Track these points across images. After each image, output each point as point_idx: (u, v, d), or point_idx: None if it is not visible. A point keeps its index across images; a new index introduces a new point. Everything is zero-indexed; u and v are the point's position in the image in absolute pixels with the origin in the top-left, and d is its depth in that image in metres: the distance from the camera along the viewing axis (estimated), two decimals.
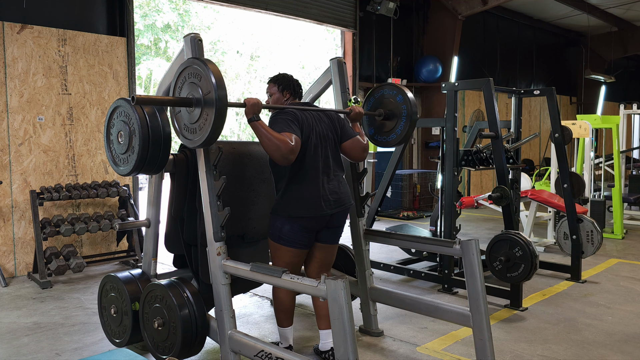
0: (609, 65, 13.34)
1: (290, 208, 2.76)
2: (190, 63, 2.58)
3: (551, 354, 3.16)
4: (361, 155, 2.99)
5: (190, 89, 2.58)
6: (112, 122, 2.98)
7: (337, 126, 2.95)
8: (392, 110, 3.39)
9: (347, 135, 2.96)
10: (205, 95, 2.49)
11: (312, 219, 2.79)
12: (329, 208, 2.81)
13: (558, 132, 4.71)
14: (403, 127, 3.36)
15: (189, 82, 2.59)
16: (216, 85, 2.43)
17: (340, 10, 7.93)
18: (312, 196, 2.76)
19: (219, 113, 2.44)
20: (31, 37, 4.95)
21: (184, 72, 2.62)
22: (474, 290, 2.73)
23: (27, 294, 4.37)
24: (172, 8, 15.64)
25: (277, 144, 2.54)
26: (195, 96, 2.54)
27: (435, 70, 9.08)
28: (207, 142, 2.54)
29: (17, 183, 4.91)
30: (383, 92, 3.44)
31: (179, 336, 2.72)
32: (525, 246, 3.66)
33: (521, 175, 5.45)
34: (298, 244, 2.81)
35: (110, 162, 3.00)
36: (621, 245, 6.29)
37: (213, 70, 2.47)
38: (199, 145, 2.57)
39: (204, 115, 2.50)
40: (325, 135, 2.86)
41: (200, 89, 2.51)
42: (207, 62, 2.50)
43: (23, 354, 3.17)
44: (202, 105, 2.51)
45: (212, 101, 2.43)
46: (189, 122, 2.61)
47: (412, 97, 3.36)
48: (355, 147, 2.96)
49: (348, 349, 2.12)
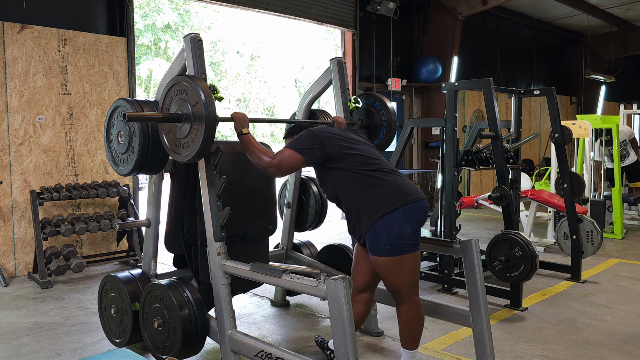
0: (609, 65, 13.34)
1: (395, 201, 2.48)
2: (178, 80, 2.64)
3: (551, 354, 3.16)
4: None
5: (178, 105, 2.64)
6: (112, 122, 2.98)
7: None
8: (373, 119, 3.58)
9: None
10: (194, 108, 2.55)
11: (418, 201, 2.54)
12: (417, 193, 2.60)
13: (558, 132, 4.71)
14: (385, 132, 3.52)
15: (177, 99, 2.65)
16: (205, 100, 2.49)
17: (340, 10, 7.93)
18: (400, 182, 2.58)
19: (208, 126, 2.49)
20: (31, 37, 4.95)
21: (172, 89, 2.69)
22: (474, 290, 2.73)
23: (27, 294, 4.37)
24: (172, 8, 15.64)
25: (256, 160, 2.64)
26: (184, 112, 2.60)
27: (435, 70, 9.08)
28: (198, 156, 2.60)
29: (17, 183, 4.91)
30: (362, 102, 3.59)
31: (179, 336, 2.73)
32: (525, 246, 3.66)
33: (521, 175, 5.45)
34: (419, 243, 2.59)
35: (110, 162, 3.01)
36: (621, 245, 6.29)
37: (201, 85, 2.53)
38: (190, 160, 2.61)
39: (194, 130, 2.56)
40: (356, 140, 2.75)
41: (188, 103, 2.57)
42: (195, 78, 2.58)
43: (23, 354, 3.17)
44: (192, 120, 2.56)
45: (202, 115, 2.49)
46: (178, 137, 2.65)
47: (391, 106, 3.53)
48: None
49: (348, 348, 2.12)
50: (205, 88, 2.53)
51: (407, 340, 2.70)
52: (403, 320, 2.67)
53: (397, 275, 2.56)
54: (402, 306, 2.66)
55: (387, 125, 3.50)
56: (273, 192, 3.30)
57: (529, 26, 11.75)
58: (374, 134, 3.57)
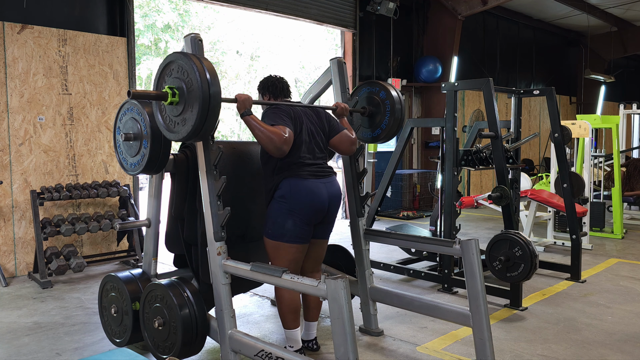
0: (609, 65, 13.34)
1: (291, 202, 2.79)
2: (174, 58, 2.55)
3: (551, 354, 3.16)
4: (350, 148, 3.08)
5: (174, 83, 2.55)
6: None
7: (325, 124, 3.02)
8: (376, 107, 3.48)
9: (335, 131, 3.04)
10: (189, 86, 2.47)
11: (315, 211, 2.83)
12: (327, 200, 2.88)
13: (558, 132, 4.72)
14: (387, 122, 3.43)
15: (172, 77, 2.56)
16: (199, 77, 2.41)
17: (340, 10, 7.93)
18: (312, 188, 2.82)
19: (203, 104, 2.42)
20: (31, 37, 4.95)
21: (167, 67, 2.60)
22: (473, 290, 2.74)
23: (28, 294, 4.37)
24: (172, 8, 15.64)
25: (270, 136, 2.61)
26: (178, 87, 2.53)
27: (435, 70, 9.08)
28: (192, 135, 2.51)
29: (17, 183, 4.91)
30: (366, 90, 3.54)
31: (179, 336, 2.73)
32: (525, 246, 3.67)
33: (521, 175, 5.46)
34: (301, 238, 2.84)
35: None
36: (621, 245, 6.29)
37: (196, 63, 2.45)
38: (184, 138, 2.55)
39: (188, 108, 2.49)
40: (314, 131, 2.93)
41: (183, 82, 2.49)
42: (191, 55, 2.51)
43: (23, 353, 3.17)
44: (186, 96, 2.49)
45: (198, 93, 2.41)
46: (172, 115, 2.59)
47: (396, 94, 3.44)
48: (344, 141, 3.04)
49: (348, 348, 2.12)
50: (199, 64, 2.45)
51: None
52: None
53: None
54: None
55: (391, 114, 3.42)
56: None
57: (528, 26, 11.75)
58: (376, 123, 3.51)
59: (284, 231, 2.80)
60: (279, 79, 3.06)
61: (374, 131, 3.52)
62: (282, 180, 2.81)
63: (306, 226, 2.84)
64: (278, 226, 2.81)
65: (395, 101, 3.40)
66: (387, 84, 3.51)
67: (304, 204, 2.79)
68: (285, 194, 2.80)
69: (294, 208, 2.79)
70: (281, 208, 2.81)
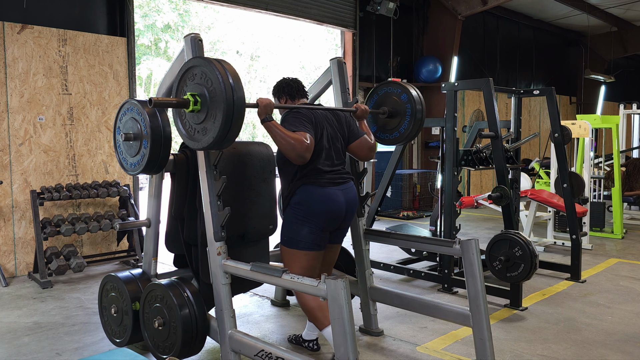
0: (609, 65, 13.34)
1: (307, 209, 2.74)
2: (196, 63, 2.46)
3: (551, 354, 3.16)
4: (368, 154, 3.01)
5: (196, 90, 2.47)
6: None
7: (344, 128, 2.95)
8: (396, 108, 3.39)
9: (355, 136, 2.97)
10: (212, 93, 2.38)
11: (332, 218, 2.79)
12: (344, 206, 2.82)
13: (558, 132, 4.72)
14: (407, 126, 3.35)
15: (194, 83, 2.47)
16: (223, 84, 2.31)
17: (340, 10, 7.93)
18: (329, 196, 2.76)
19: (227, 112, 2.32)
20: (31, 37, 4.95)
21: (188, 72, 2.52)
22: (473, 290, 2.74)
23: (28, 294, 4.37)
24: (172, 8, 15.65)
25: (292, 143, 2.55)
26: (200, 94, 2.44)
27: (435, 70, 9.08)
28: (216, 144, 2.41)
29: (17, 183, 4.91)
30: (386, 90, 3.45)
31: (179, 336, 2.73)
32: (525, 246, 3.67)
33: (521, 175, 5.46)
34: (317, 245, 2.79)
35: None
36: (621, 245, 6.29)
37: (219, 69, 2.36)
38: (206, 147, 2.47)
39: (211, 116, 2.40)
40: (334, 137, 2.87)
41: (205, 88, 2.41)
42: (213, 60, 2.40)
43: (23, 353, 3.17)
44: (209, 104, 2.40)
45: (221, 100, 2.31)
46: (194, 123, 2.52)
47: (416, 94, 3.34)
48: (363, 147, 2.98)
49: (348, 348, 2.12)
50: (221, 68, 2.35)
51: None
52: None
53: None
54: None
55: (412, 117, 3.32)
56: (273, 191, 3.30)
57: (528, 26, 11.75)
58: (395, 126, 3.41)
59: (300, 238, 2.76)
60: (293, 79, 3.01)
61: (392, 134, 3.43)
62: (299, 186, 2.77)
63: (322, 233, 2.79)
64: (293, 233, 2.77)
65: (416, 103, 3.32)
66: (408, 84, 3.41)
67: (320, 211, 2.75)
68: (301, 200, 2.76)
69: (309, 215, 2.74)
70: (297, 215, 2.77)
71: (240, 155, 3.14)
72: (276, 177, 3.23)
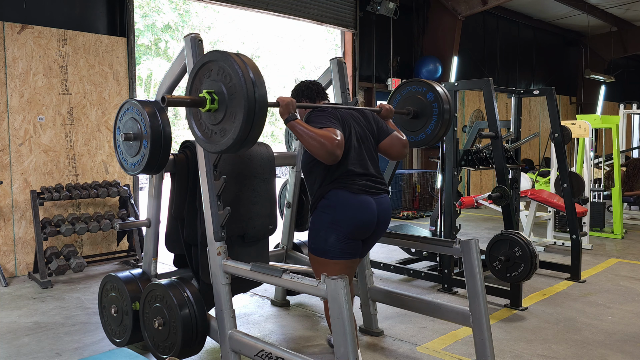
0: (609, 65, 13.34)
1: (336, 214, 2.51)
2: (212, 58, 2.27)
3: (551, 354, 3.16)
4: (401, 152, 2.78)
5: (213, 87, 2.28)
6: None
7: (373, 125, 2.75)
8: (422, 108, 3.18)
9: (385, 133, 2.75)
10: (231, 90, 2.19)
11: (362, 226, 2.55)
12: (375, 216, 2.58)
13: (558, 132, 4.72)
14: (434, 126, 3.15)
15: (210, 80, 2.29)
16: (243, 79, 2.11)
17: (340, 10, 7.93)
18: (361, 203, 2.53)
19: (249, 110, 2.12)
20: (31, 37, 4.95)
21: (204, 68, 2.34)
22: (473, 290, 2.74)
23: (28, 294, 4.37)
24: (172, 8, 15.65)
25: (321, 141, 2.31)
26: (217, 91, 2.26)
27: (435, 70, 9.08)
28: (235, 146, 2.21)
29: (17, 183, 4.91)
30: (410, 89, 3.25)
31: (179, 336, 2.73)
32: (525, 246, 3.67)
33: (521, 175, 5.46)
34: (348, 253, 2.55)
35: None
36: (621, 245, 6.29)
37: (239, 63, 2.17)
38: (225, 150, 2.28)
39: (230, 116, 2.20)
40: (363, 136, 2.66)
41: (223, 85, 2.22)
42: (232, 54, 2.22)
43: (23, 353, 3.17)
44: (227, 104, 2.21)
45: (242, 98, 2.13)
46: (210, 123, 2.32)
47: (443, 92, 3.15)
48: (395, 145, 2.75)
49: (348, 348, 2.12)
50: (241, 62, 2.16)
51: None
52: None
53: None
54: None
55: (439, 117, 3.11)
56: (273, 192, 3.31)
57: (528, 26, 11.75)
58: (420, 127, 3.21)
59: (327, 246, 2.52)
60: (312, 82, 2.82)
61: (417, 135, 3.22)
62: (329, 190, 2.53)
63: (352, 241, 2.54)
64: (320, 240, 2.54)
65: (443, 101, 3.11)
66: (435, 82, 3.20)
67: (350, 218, 2.50)
68: (331, 204, 2.52)
69: (337, 221, 2.50)
70: (324, 220, 2.53)
71: (241, 155, 3.14)
72: (276, 177, 3.22)
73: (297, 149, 3.74)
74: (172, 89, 3.07)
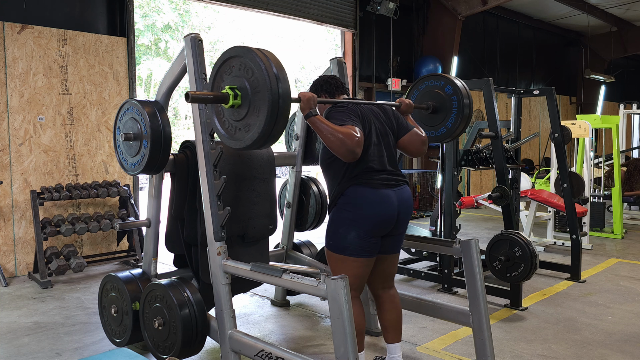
0: (609, 65, 13.34)
1: (356, 210, 2.49)
2: (235, 53, 2.28)
3: (551, 354, 3.16)
4: (421, 148, 2.74)
5: (236, 83, 2.29)
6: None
7: (393, 121, 2.70)
8: (441, 103, 3.14)
9: (404, 129, 2.71)
10: (254, 86, 2.19)
11: (382, 222, 2.53)
12: (396, 209, 2.56)
13: (558, 132, 4.72)
14: (454, 120, 3.09)
15: (233, 76, 2.30)
16: (267, 73, 2.11)
17: (340, 10, 7.93)
18: (381, 197, 2.51)
19: (273, 104, 2.12)
20: (31, 37, 4.95)
21: (226, 64, 2.36)
22: (473, 289, 2.73)
23: (28, 294, 4.37)
24: (172, 8, 15.66)
25: (341, 138, 2.30)
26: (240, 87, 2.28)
27: (435, 70, 9.08)
28: (259, 142, 2.23)
29: (17, 183, 4.91)
30: (428, 84, 3.21)
31: (179, 336, 2.73)
32: (525, 246, 3.67)
33: (521, 175, 5.46)
34: (367, 252, 2.53)
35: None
36: (621, 245, 6.29)
37: (262, 57, 2.19)
38: (249, 147, 2.31)
39: (253, 111, 2.20)
40: (383, 132, 2.63)
41: (246, 80, 2.20)
42: (255, 49, 2.23)
43: (23, 353, 3.17)
44: (250, 100, 2.22)
45: (266, 93, 2.13)
46: (233, 120, 2.33)
47: (462, 86, 3.11)
48: (414, 141, 2.71)
49: (348, 348, 2.12)
50: (263, 57, 2.17)
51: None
52: None
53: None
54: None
55: (458, 111, 3.06)
56: (273, 192, 3.31)
57: (528, 26, 11.75)
58: (440, 122, 3.16)
59: (347, 243, 2.50)
60: (331, 76, 2.78)
61: (437, 130, 3.17)
62: (348, 187, 2.51)
63: (372, 238, 2.52)
64: (340, 237, 2.52)
65: (463, 96, 3.07)
66: (454, 77, 3.17)
67: (371, 215, 2.49)
68: (350, 201, 2.50)
69: (358, 218, 2.48)
70: (344, 217, 2.51)
71: (240, 155, 3.14)
72: (276, 177, 3.22)
73: (297, 149, 3.74)
74: (172, 89, 3.07)
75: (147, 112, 2.84)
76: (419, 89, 3.28)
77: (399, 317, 2.79)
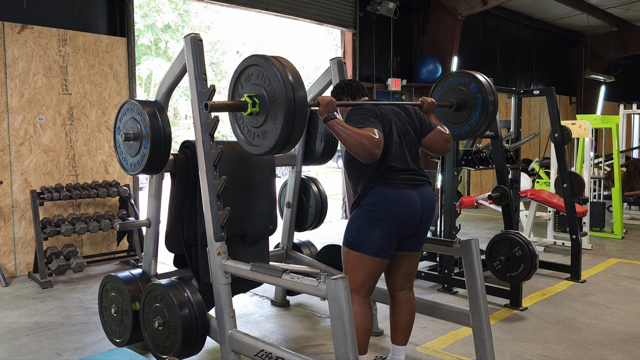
0: (609, 65, 13.34)
1: (381, 211, 2.50)
2: (252, 62, 2.32)
3: (551, 354, 3.16)
4: (445, 146, 2.73)
5: (253, 91, 2.34)
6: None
7: (415, 120, 2.70)
8: (464, 100, 3.11)
9: (428, 128, 2.71)
10: (271, 94, 2.25)
11: (406, 222, 2.54)
12: (420, 210, 2.58)
13: (558, 132, 4.72)
14: (478, 118, 3.06)
15: (251, 84, 2.35)
16: (283, 82, 2.17)
17: (340, 10, 7.93)
18: (405, 198, 2.53)
19: (289, 112, 2.18)
20: (31, 37, 4.95)
21: (244, 72, 2.40)
22: (473, 290, 2.74)
23: (28, 294, 4.37)
24: (172, 8, 15.66)
25: (359, 140, 2.31)
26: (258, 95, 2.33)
27: (435, 70, 9.08)
28: (277, 148, 2.28)
29: (17, 183, 4.91)
30: (452, 81, 3.19)
31: (179, 336, 2.73)
32: (525, 246, 3.67)
33: (521, 175, 5.46)
34: (385, 252, 2.54)
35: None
36: (621, 245, 6.29)
37: (278, 66, 2.23)
38: (267, 152, 2.34)
39: (270, 118, 2.26)
40: (404, 131, 2.63)
41: (263, 89, 2.26)
42: (271, 58, 2.27)
43: (23, 353, 3.17)
44: (268, 107, 2.27)
45: (282, 100, 2.19)
46: (252, 127, 2.37)
47: (487, 82, 3.08)
48: (438, 139, 2.71)
49: (348, 348, 2.12)
50: (280, 66, 2.22)
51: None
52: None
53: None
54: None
55: (483, 109, 3.02)
56: (273, 192, 3.31)
57: (528, 26, 11.75)
58: (464, 119, 3.13)
59: (369, 242, 2.50)
60: (352, 80, 2.82)
61: (461, 127, 3.14)
62: (372, 187, 2.53)
63: (394, 239, 2.54)
64: (362, 235, 2.52)
65: (487, 93, 3.04)
66: (478, 73, 3.14)
67: (396, 214, 2.50)
68: (375, 201, 2.51)
69: (383, 218, 2.50)
70: (369, 217, 2.52)
71: (241, 155, 3.14)
72: (276, 177, 3.22)
73: (297, 149, 3.75)
74: (172, 89, 3.07)
75: (147, 112, 2.84)
76: (443, 86, 3.27)
77: (412, 321, 2.80)
